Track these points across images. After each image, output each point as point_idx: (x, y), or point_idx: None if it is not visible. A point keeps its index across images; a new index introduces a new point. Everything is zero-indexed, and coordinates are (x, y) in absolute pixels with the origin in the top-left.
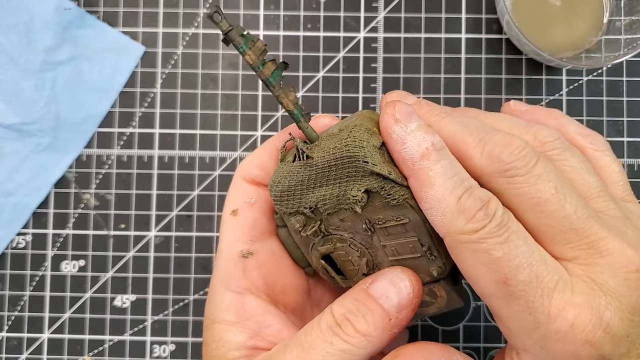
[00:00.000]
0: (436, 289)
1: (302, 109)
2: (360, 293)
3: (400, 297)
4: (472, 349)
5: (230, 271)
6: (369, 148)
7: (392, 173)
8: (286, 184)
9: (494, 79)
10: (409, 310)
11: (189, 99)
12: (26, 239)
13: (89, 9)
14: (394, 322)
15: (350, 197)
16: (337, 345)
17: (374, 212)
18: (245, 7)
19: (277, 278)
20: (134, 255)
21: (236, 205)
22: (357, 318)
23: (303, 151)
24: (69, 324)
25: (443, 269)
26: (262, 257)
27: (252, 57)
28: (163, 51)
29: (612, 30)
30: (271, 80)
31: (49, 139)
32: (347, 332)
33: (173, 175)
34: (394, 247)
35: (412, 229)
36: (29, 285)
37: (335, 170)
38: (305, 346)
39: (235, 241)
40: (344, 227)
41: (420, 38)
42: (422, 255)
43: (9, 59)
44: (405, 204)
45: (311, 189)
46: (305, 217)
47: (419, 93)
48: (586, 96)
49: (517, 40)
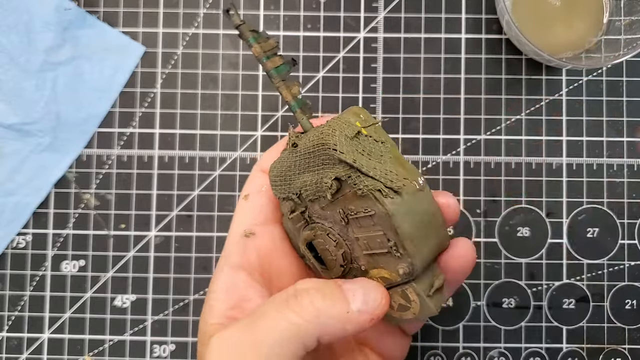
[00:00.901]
0: (409, 292)
1: (304, 103)
2: (330, 282)
3: (365, 301)
4: (472, 349)
5: (231, 249)
6: (340, 136)
7: (356, 161)
8: (278, 169)
9: (493, 79)
10: (367, 317)
11: (189, 99)
12: (26, 239)
13: (89, 9)
14: (350, 317)
15: (324, 184)
16: (287, 315)
17: (346, 201)
18: (245, 7)
19: (273, 261)
20: (134, 255)
21: (249, 191)
22: (317, 294)
23: (293, 139)
24: (69, 323)
25: (410, 270)
26: (262, 239)
27: (258, 50)
28: (163, 51)
29: (612, 31)
30: (273, 72)
31: (49, 139)
32: (301, 304)
33: (173, 175)
34: (366, 241)
35: (379, 221)
36: (29, 285)
37: (314, 158)
38: (257, 314)
39: (242, 223)
40: (324, 216)
41: (420, 38)
42: (389, 251)
43: (10, 59)
44: (369, 195)
45: (296, 175)
46: (294, 203)
47: (418, 93)
48: (586, 96)
49: (517, 40)
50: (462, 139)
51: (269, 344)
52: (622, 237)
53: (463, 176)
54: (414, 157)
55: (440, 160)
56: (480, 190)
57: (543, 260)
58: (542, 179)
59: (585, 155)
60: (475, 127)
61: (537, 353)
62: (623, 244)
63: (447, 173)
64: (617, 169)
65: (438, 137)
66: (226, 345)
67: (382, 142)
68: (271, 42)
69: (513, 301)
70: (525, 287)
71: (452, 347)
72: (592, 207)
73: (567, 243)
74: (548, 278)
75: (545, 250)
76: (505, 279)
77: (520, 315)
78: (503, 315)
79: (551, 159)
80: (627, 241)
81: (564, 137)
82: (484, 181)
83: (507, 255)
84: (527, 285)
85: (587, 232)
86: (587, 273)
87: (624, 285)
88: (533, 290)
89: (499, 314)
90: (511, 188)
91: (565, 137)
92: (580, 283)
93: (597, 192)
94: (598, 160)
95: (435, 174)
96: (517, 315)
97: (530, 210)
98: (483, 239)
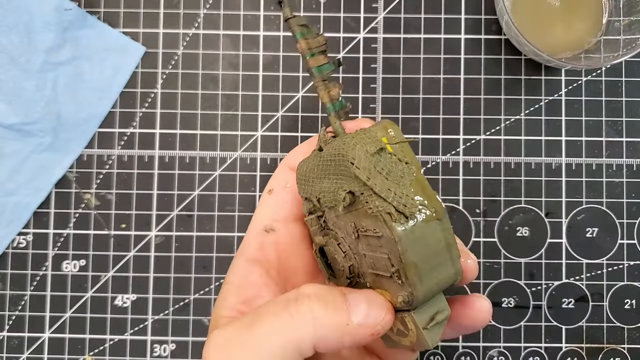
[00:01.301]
0: (407, 320)
1: (343, 106)
2: (335, 289)
3: (368, 315)
4: (472, 349)
5: (250, 242)
6: (360, 151)
7: (370, 179)
8: (304, 168)
9: (493, 80)
10: (367, 331)
11: (190, 99)
12: (27, 239)
13: (90, 9)
14: (349, 330)
15: (338, 195)
16: (283, 318)
17: (358, 217)
18: (245, 8)
19: (291, 258)
20: (135, 254)
21: (273, 186)
22: (318, 301)
23: (321, 142)
24: (69, 323)
25: (409, 299)
26: (282, 235)
27: (303, 46)
28: (163, 51)
29: (611, 31)
30: (314, 70)
31: (50, 139)
32: (299, 309)
33: (173, 175)
34: (372, 260)
35: (385, 245)
36: (29, 284)
37: (334, 166)
38: (257, 314)
39: (263, 217)
40: (338, 226)
41: (419, 38)
42: (392, 275)
43: (10, 59)
44: (379, 217)
45: (318, 179)
46: (313, 205)
47: (418, 94)
48: (585, 96)
49: (517, 40)
50: (461, 139)
51: (262, 347)
52: (622, 237)
53: (462, 176)
54: None
55: (440, 160)
56: (479, 190)
57: (542, 260)
58: (542, 179)
59: (585, 155)
60: (474, 127)
61: (536, 353)
62: (622, 243)
63: (447, 173)
64: (617, 169)
65: (438, 137)
66: (222, 342)
67: (407, 162)
68: (319, 39)
69: (512, 301)
70: (524, 286)
71: (452, 347)
72: (592, 207)
73: (566, 243)
74: (547, 278)
75: (544, 250)
76: (505, 279)
77: (519, 315)
78: (502, 315)
79: (550, 159)
80: (627, 241)
81: (563, 137)
82: (484, 181)
83: (506, 255)
84: (526, 284)
85: (587, 232)
86: (586, 273)
87: (623, 285)
88: (532, 290)
89: (499, 314)
90: (511, 188)
91: (564, 137)
92: (579, 283)
93: (597, 192)
94: (597, 160)
95: (435, 174)
96: (516, 314)
97: (530, 210)
98: (482, 238)
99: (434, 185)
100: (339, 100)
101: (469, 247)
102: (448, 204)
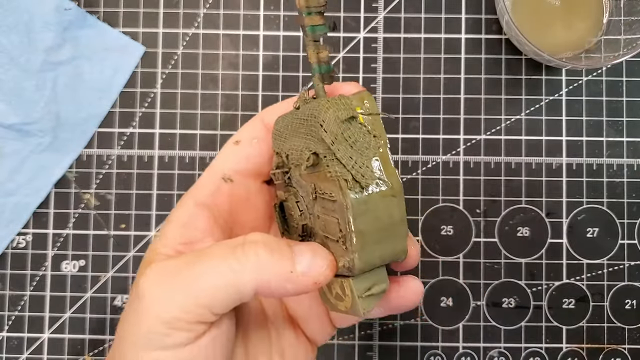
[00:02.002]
0: (345, 285)
1: (329, 70)
2: (281, 240)
3: (310, 265)
4: (471, 349)
5: (204, 185)
6: (331, 115)
7: (334, 144)
8: (281, 124)
9: (493, 79)
10: (309, 280)
11: (189, 99)
12: (26, 239)
13: (90, 9)
14: (292, 278)
15: (304, 154)
16: (228, 260)
17: (319, 179)
18: (245, 8)
19: (241, 212)
20: (135, 255)
21: (241, 138)
22: (265, 248)
23: (300, 102)
24: (69, 323)
25: (349, 265)
26: (238, 188)
27: (302, 3)
28: (163, 51)
29: (611, 31)
30: (308, 29)
31: (50, 139)
32: (246, 253)
33: (173, 175)
34: (324, 222)
35: (337, 209)
36: (29, 285)
37: (306, 126)
38: (201, 253)
39: (224, 165)
40: (300, 184)
41: (420, 38)
42: (338, 240)
43: (10, 59)
44: (336, 182)
45: (290, 137)
46: (282, 160)
47: (418, 93)
48: (586, 96)
49: (517, 40)
50: (462, 139)
51: (203, 284)
52: (622, 237)
53: (463, 176)
54: (414, 157)
55: (440, 160)
56: (480, 190)
57: (543, 260)
58: (542, 179)
59: (585, 155)
60: (475, 127)
61: (537, 353)
62: (623, 243)
63: (447, 173)
64: (617, 169)
65: (438, 137)
66: (160, 276)
67: (375, 136)
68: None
69: (513, 301)
70: (525, 287)
71: (452, 347)
72: (592, 207)
73: (567, 243)
74: (548, 278)
75: (545, 250)
76: (505, 279)
77: (520, 315)
78: (503, 315)
79: (551, 159)
80: (627, 241)
81: (564, 137)
82: (484, 181)
83: (507, 255)
84: (527, 285)
85: (587, 232)
86: (586, 273)
87: (624, 285)
88: (533, 290)
89: (499, 314)
90: (511, 188)
91: (565, 137)
92: (580, 283)
93: (597, 192)
94: (598, 160)
95: (435, 174)
96: (517, 315)
97: (530, 210)
98: (483, 238)
99: (435, 185)
100: (327, 63)
101: (470, 247)
102: (448, 204)
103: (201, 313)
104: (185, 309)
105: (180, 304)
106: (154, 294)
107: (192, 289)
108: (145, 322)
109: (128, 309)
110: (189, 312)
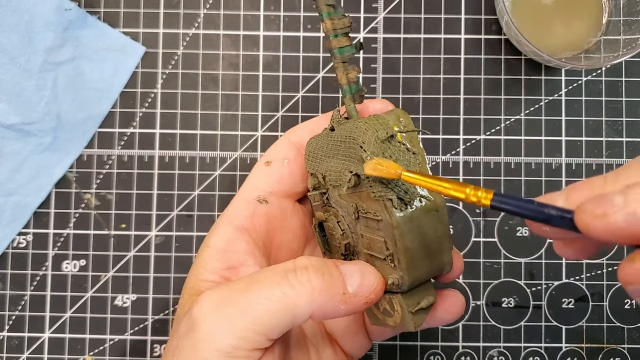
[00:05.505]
0: (394, 301)
1: (359, 89)
2: (329, 261)
3: (362, 283)
4: (471, 349)
5: (240, 209)
6: (371, 136)
7: None
8: (314, 145)
9: (493, 80)
10: (361, 300)
11: (190, 99)
12: (27, 239)
13: (90, 9)
14: (345, 299)
15: (344, 176)
16: (282, 287)
17: (361, 199)
18: (245, 8)
19: (277, 233)
20: (135, 254)
21: (272, 158)
22: (316, 272)
23: (334, 123)
24: (69, 323)
25: (399, 283)
26: (273, 209)
27: (328, 27)
28: (163, 51)
29: (611, 31)
30: (335, 51)
31: (50, 139)
32: (299, 279)
33: (174, 175)
34: (368, 241)
35: (383, 228)
36: (29, 284)
37: (343, 148)
38: (253, 279)
39: (257, 187)
40: (340, 204)
41: (419, 38)
42: (385, 258)
43: (10, 59)
44: (381, 202)
45: (326, 158)
46: (318, 182)
47: (418, 93)
48: (585, 96)
49: (517, 40)
50: (461, 139)
51: (259, 311)
52: None
53: (463, 176)
54: None
55: (440, 160)
56: None
57: (542, 259)
58: (542, 179)
59: (585, 156)
60: (474, 127)
61: (536, 352)
62: None
63: (447, 173)
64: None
65: (438, 137)
66: (215, 304)
67: (414, 153)
68: (345, 20)
69: (512, 301)
70: (524, 286)
71: (452, 347)
72: None
73: None
74: (547, 278)
75: (544, 250)
76: (505, 279)
77: (519, 315)
78: (502, 315)
79: (550, 159)
80: None
81: (564, 137)
82: (484, 181)
83: (506, 255)
84: (526, 284)
85: None
86: (586, 273)
87: None
88: (532, 289)
89: (499, 314)
90: (511, 188)
91: (564, 137)
92: (579, 283)
93: None
94: (597, 161)
95: (435, 174)
96: (516, 314)
97: None
98: (483, 238)
99: None
100: (356, 83)
101: (469, 247)
102: (448, 204)
103: (258, 340)
104: (243, 337)
105: (237, 332)
106: (211, 324)
107: (249, 316)
108: (202, 352)
109: (182, 341)
110: (247, 339)
